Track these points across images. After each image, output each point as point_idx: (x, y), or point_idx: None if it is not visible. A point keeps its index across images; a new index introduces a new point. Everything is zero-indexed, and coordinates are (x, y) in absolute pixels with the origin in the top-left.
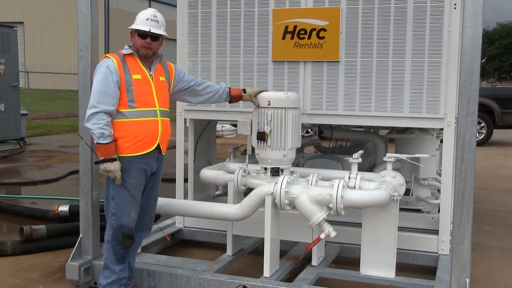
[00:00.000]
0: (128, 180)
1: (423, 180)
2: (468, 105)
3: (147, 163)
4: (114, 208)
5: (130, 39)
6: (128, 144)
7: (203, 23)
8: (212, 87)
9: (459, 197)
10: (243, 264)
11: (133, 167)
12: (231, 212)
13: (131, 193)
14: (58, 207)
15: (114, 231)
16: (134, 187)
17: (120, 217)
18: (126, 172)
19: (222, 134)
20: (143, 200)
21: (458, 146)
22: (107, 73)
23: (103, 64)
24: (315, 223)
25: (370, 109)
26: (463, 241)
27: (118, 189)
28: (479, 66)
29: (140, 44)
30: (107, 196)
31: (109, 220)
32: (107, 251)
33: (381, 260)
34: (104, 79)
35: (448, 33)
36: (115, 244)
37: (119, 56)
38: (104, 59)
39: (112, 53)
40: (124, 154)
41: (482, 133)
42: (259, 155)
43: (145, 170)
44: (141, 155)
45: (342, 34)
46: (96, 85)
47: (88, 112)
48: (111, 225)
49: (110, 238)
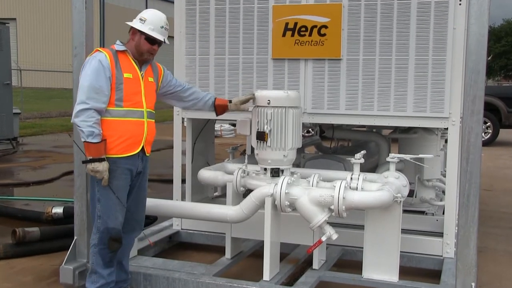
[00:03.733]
0: (114, 182)
1: (427, 181)
2: (473, 104)
3: (133, 164)
4: (101, 211)
5: (126, 36)
6: (114, 144)
7: (201, 20)
8: (198, 93)
9: (464, 198)
10: (242, 267)
11: (119, 168)
12: (230, 214)
13: (117, 195)
14: (52, 209)
15: (101, 234)
16: (120, 189)
17: (106, 220)
18: (112, 173)
19: (220, 134)
20: (132, 201)
21: (463, 146)
22: (99, 68)
23: (95, 57)
24: (316, 225)
25: (372, 108)
26: (469, 243)
27: (104, 191)
28: (484, 64)
29: (147, 49)
30: (93, 199)
31: (95, 223)
32: (94, 255)
33: (384, 263)
34: (96, 73)
35: (453, 30)
36: (102, 247)
37: (112, 52)
38: (96, 53)
39: (103, 47)
40: (110, 154)
41: (488, 133)
42: (259, 156)
43: (131, 170)
44: (126, 156)
45: (344, 31)
46: (87, 79)
47: (76, 108)
48: (97, 228)
49: (97, 241)
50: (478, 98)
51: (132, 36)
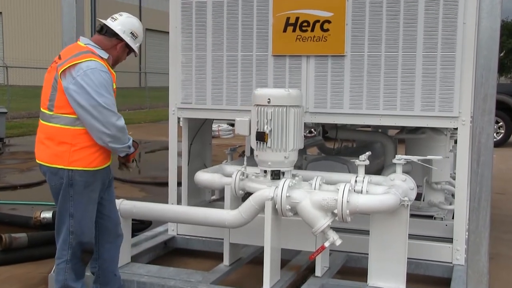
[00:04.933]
0: (92, 195)
1: (436, 184)
2: (484, 102)
3: (107, 173)
4: (74, 226)
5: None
6: (94, 156)
7: (198, 15)
8: None
9: (475, 202)
10: (241, 274)
11: (97, 180)
12: (228, 219)
13: (92, 207)
14: (41, 213)
15: (73, 249)
16: (95, 202)
17: (80, 235)
18: (90, 186)
19: (218, 134)
20: (108, 210)
21: (473, 147)
22: (109, 80)
23: (102, 70)
24: (319, 231)
25: (378, 107)
26: (480, 250)
27: (79, 206)
28: (496, 61)
29: (123, 58)
30: (63, 213)
31: (66, 238)
32: (67, 272)
33: (390, 270)
34: (110, 88)
35: (463, 24)
36: (75, 262)
37: (101, 59)
38: (97, 63)
39: (90, 55)
40: (91, 167)
41: (500, 133)
42: (259, 157)
43: (105, 181)
44: (104, 167)
45: (348, 26)
46: (110, 97)
47: (120, 123)
48: (69, 244)
49: (69, 257)
50: (489, 97)
51: (118, 47)
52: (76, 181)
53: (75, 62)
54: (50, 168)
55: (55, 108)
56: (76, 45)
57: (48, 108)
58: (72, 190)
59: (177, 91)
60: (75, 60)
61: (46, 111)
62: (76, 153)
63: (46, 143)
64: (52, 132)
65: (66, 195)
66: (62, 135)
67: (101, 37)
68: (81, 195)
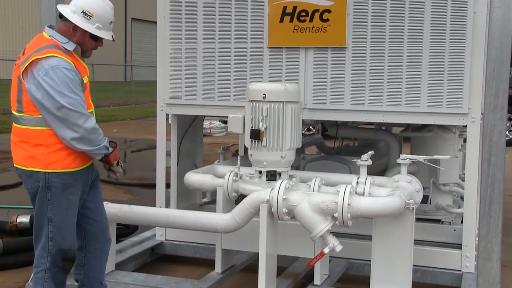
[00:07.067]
0: (72, 198)
1: (444, 185)
2: (496, 98)
3: (89, 172)
4: (53, 232)
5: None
6: (71, 157)
7: (188, 3)
8: None
9: (486, 205)
10: (234, 283)
11: (77, 181)
12: (220, 223)
13: (73, 211)
14: (17, 218)
15: (53, 257)
16: (75, 205)
17: (61, 241)
18: (69, 189)
19: (210, 132)
20: (94, 214)
21: (484, 146)
22: (75, 78)
23: (66, 67)
24: (318, 236)
25: (381, 103)
26: (491, 257)
27: (58, 209)
28: (509, 53)
29: (91, 47)
30: (41, 218)
31: (44, 246)
32: (46, 281)
33: (394, 278)
34: (76, 87)
35: (474, 14)
36: (55, 271)
37: (66, 54)
38: (59, 60)
39: (53, 49)
40: (70, 169)
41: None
42: (253, 157)
43: (87, 183)
44: (84, 167)
45: (349, 16)
46: (75, 97)
47: (89, 125)
48: (48, 251)
49: (49, 265)
50: (501, 92)
51: (73, 32)
52: (54, 184)
53: (36, 57)
54: (25, 171)
55: (24, 110)
56: (40, 37)
57: (17, 110)
58: (50, 193)
59: (165, 85)
60: (37, 55)
61: (16, 113)
62: (53, 154)
63: (21, 146)
64: (25, 134)
65: (43, 198)
66: (36, 137)
67: (61, 23)
68: (60, 198)
